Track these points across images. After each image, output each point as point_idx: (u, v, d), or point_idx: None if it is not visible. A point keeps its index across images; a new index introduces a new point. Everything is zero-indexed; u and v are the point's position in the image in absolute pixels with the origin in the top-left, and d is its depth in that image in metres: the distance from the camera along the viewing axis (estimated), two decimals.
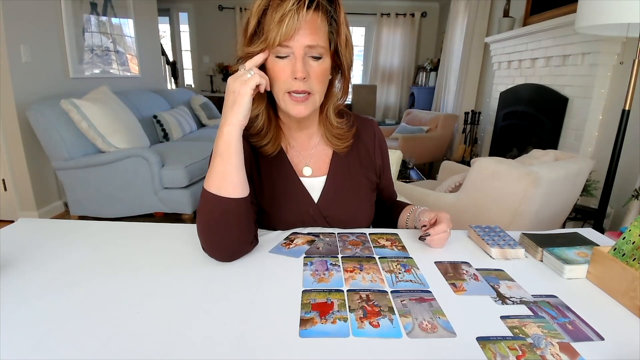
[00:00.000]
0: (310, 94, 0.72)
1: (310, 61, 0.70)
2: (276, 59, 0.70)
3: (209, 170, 0.67)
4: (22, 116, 2.36)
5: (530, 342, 0.48)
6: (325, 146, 0.87)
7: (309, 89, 0.71)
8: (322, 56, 0.71)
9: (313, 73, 0.71)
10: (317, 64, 0.71)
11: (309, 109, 0.74)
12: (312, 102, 0.74)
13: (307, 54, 0.69)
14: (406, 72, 5.89)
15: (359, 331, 0.50)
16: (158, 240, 0.77)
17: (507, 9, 3.46)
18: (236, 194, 0.66)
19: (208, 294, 0.58)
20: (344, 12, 0.74)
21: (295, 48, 0.68)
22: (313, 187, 0.85)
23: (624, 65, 2.15)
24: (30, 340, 0.47)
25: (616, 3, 1.40)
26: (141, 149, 2.41)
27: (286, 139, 0.86)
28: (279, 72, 0.70)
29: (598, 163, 2.13)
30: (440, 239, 0.75)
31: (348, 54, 0.76)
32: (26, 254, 0.69)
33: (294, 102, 0.72)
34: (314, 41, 0.68)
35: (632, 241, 0.61)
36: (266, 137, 0.81)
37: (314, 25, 0.68)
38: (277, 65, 0.70)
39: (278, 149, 0.83)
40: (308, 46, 0.68)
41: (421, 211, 0.83)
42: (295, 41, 0.67)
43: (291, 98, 0.72)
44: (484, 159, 1.57)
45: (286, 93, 0.72)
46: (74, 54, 2.85)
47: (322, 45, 0.70)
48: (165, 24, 5.91)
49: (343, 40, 0.74)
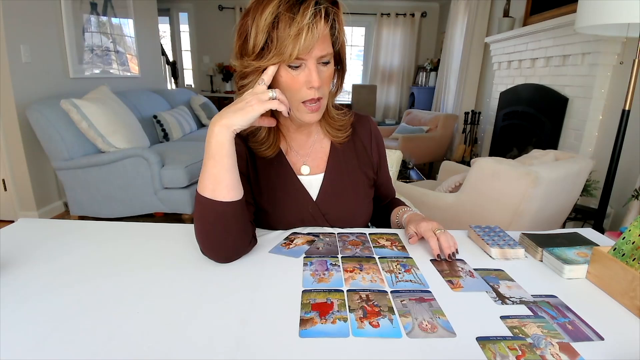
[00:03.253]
0: (321, 98, 0.73)
1: (320, 67, 0.71)
2: (288, 69, 0.69)
3: (201, 173, 0.66)
4: (22, 116, 2.36)
5: (530, 342, 0.48)
6: (323, 141, 0.88)
7: (321, 95, 0.73)
8: (329, 61, 0.72)
9: (323, 79, 0.71)
10: (326, 69, 0.72)
11: (321, 114, 0.76)
12: (322, 106, 0.75)
13: (318, 62, 0.70)
14: (406, 72, 5.90)
15: (358, 331, 0.50)
16: (158, 240, 0.77)
17: (507, 9, 3.46)
18: (230, 197, 0.66)
19: (208, 294, 0.58)
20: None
21: (309, 59, 0.68)
22: (311, 184, 0.86)
23: (624, 65, 2.15)
24: (30, 340, 0.47)
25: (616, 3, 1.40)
26: (141, 149, 2.41)
27: (285, 141, 0.86)
28: (293, 82, 0.70)
29: (598, 163, 2.13)
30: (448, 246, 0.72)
31: (345, 49, 0.78)
32: (26, 254, 0.69)
33: (309, 112, 0.73)
34: (325, 50, 0.69)
35: (632, 241, 0.61)
36: (266, 143, 0.82)
37: (323, 35, 0.68)
38: (289, 76, 0.69)
39: (277, 152, 0.84)
40: (320, 56, 0.69)
41: (406, 219, 0.83)
42: (310, 53, 0.67)
43: (307, 107, 0.73)
44: (484, 159, 1.57)
45: (301, 103, 0.72)
46: (74, 54, 2.85)
47: (330, 52, 0.71)
48: (165, 24, 5.91)
49: (342, 38, 0.75)
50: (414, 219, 0.80)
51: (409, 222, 0.80)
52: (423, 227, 0.75)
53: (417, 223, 0.77)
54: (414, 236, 0.77)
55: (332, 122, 0.85)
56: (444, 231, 0.74)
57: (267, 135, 0.81)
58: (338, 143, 0.88)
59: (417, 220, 0.78)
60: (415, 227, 0.76)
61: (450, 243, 0.71)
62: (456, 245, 0.72)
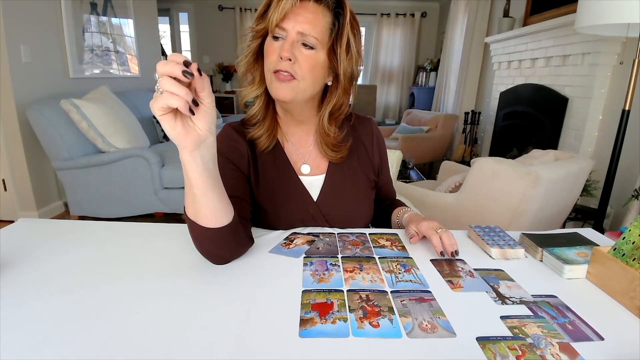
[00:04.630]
0: (295, 78, 0.72)
1: (301, 47, 0.71)
2: (271, 40, 0.72)
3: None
4: (22, 116, 2.36)
5: (530, 342, 0.48)
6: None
7: (293, 72, 0.71)
8: (314, 47, 0.71)
9: (301, 58, 0.71)
10: (307, 52, 0.71)
11: (292, 93, 0.73)
12: (295, 86, 0.72)
13: (299, 40, 0.71)
14: (406, 72, 5.89)
15: (358, 331, 0.50)
16: (158, 240, 0.77)
17: (507, 9, 3.46)
18: (214, 224, 0.60)
19: (208, 294, 0.58)
20: (358, 26, 0.75)
21: (289, 32, 0.70)
22: (312, 185, 0.85)
23: (624, 65, 2.15)
24: (30, 340, 0.47)
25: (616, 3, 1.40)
26: (141, 149, 2.41)
27: (283, 134, 0.86)
28: (271, 52, 0.72)
29: (598, 163, 2.13)
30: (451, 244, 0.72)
31: (348, 62, 0.75)
32: (26, 254, 0.69)
33: (278, 82, 0.72)
34: (307, 30, 0.70)
35: (632, 241, 0.61)
36: (261, 127, 0.81)
37: (313, 15, 0.70)
38: (270, 46, 0.72)
39: (274, 142, 0.83)
40: (300, 32, 0.70)
41: (407, 219, 0.84)
42: (290, 25, 0.69)
43: (276, 77, 0.72)
44: (484, 159, 1.57)
45: (273, 73, 0.72)
46: (74, 54, 2.85)
47: (315, 36, 0.70)
48: (165, 24, 5.91)
49: (344, 44, 0.73)
50: (414, 219, 0.80)
51: (410, 222, 0.80)
52: (424, 226, 0.75)
53: (417, 223, 0.77)
54: (415, 236, 0.77)
55: (327, 138, 0.83)
56: (446, 230, 0.74)
57: (261, 113, 0.81)
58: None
59: (418, 220, 0.78)
60: (416, 226, 0.76)
61: (452, 241, 0.72)
62: (457, 246, 0.72)
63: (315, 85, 0.76)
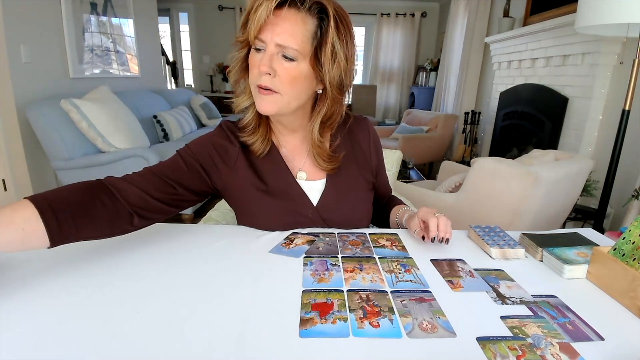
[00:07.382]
0: (276, 92, 0.70)
1: (281, 60, 0.68)
2: (254, 51, 0.70)
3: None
4: (22, 116, 2.36)
5: (530, 342, 0.48)
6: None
7: (273, 87, 0.69)
8: (295, 59, 0.68)
9: (281, 71, 0.68)
10: (287, 65, 0.68)
11: (275, 107, 0.72)
12: (278, 100, 0.71)
13: (279, 52, 0.68)
14: (406, 72, 5.90)
15: (359, 331, 0.50)
16: (157, 240, 0.77)
17: (507, 9, 3.47)
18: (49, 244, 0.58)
19: (208, 294, 0.58)
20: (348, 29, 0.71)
21: (268, 44, 0.68)
22: (311, 189, 0.84)
23: (624, 65, 2.15)
24: (30, 340, 0.47)
25: (616, 3, 1.40)
26: (141, 149, 2.41)
27: (278, 141, 0.85)
28: (253, 64, 0.71)
29: (598, 163, 2.13)
30: (444, 229, 0.73)
31: (335, 70, 0.71)
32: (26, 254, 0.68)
33: (260, 97, 0.71)
34: (286, 42, 0.66)
35: (632, 241, 0.61)
36: (255, 134, 0.80)
37: (291, 25, 0.66)
38: (253, 58, 0.71)
39: (269, 147, 0.83)
40: (278, 45, 0.67)
41: (407, 217, 0.84)
42: (268, 37, 0.67)
43: (259, 91, 0.71)
44: (484, 159, 1.57)
45: (256, 86, 0.71)
46: (74, 54, 2.85)
47: (294, 48, 0.67)
48: (165, 24, 5.91)
49: (328, 52, 0.69)
50: (414, 215, 0.81)
51: (410, 219, 0.81)
52: (423, 210, 0.76)
53: (416, 213, 0.78)
54: (420, 230, 0.77)
55: (319, 149, 0.81)
56: (444, 215, 0.75)
57: (255, 121, 0.80)
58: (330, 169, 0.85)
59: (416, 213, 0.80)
60: (417, 217, 0.78)
61: (448, 229, 0.73)
62: (451, 235, 0.74)
63: (300, 97, 0.73)
